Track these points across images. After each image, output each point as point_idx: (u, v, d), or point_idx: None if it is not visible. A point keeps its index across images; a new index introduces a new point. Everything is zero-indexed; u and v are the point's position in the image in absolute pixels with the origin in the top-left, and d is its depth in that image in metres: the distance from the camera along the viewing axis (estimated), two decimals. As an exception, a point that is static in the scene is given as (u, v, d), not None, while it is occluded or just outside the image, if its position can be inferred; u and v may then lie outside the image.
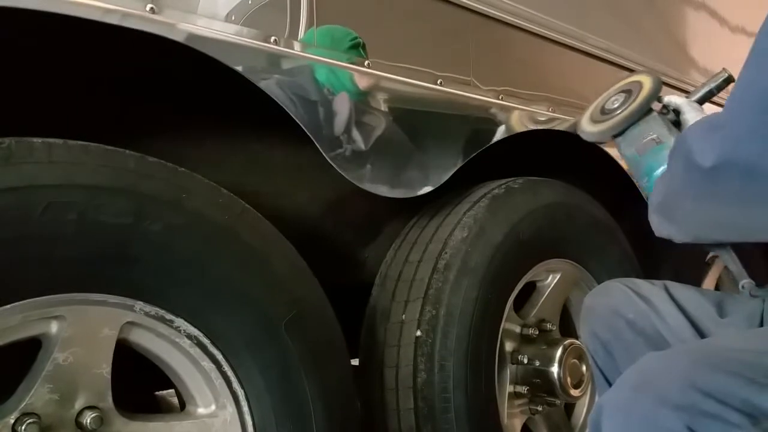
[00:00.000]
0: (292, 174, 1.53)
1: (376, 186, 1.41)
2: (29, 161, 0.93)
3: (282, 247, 1.22)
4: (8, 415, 0.95)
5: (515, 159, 1.90)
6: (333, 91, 1.32)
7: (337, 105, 1.32)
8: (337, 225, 1.63)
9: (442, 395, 1.47)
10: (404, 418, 1.49)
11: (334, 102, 1.32)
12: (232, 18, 1.17)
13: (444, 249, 1.57)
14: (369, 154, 1.40)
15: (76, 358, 1.01)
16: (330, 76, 1.32)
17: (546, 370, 1.72)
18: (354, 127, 1.38)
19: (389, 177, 1.44)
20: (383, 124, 1.43)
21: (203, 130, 1.37)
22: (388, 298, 1.58)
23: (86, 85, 1.21)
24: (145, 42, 1.07)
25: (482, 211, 1.62)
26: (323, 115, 1.31)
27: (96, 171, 0.99)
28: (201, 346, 1.12)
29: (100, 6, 1.01)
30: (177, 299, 1.09)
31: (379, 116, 1.43)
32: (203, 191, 1.11)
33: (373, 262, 1.69)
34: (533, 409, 1.77)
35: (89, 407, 1.02)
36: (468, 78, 1.59)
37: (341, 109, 1.33)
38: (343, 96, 1.34)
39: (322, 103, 1.31)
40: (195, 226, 1.09)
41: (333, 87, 1.32)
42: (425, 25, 1.53)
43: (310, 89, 1.28)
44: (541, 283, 1.85)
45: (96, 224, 0.98)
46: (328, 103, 1.32)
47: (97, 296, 1.01)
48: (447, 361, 1.48)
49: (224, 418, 1.16)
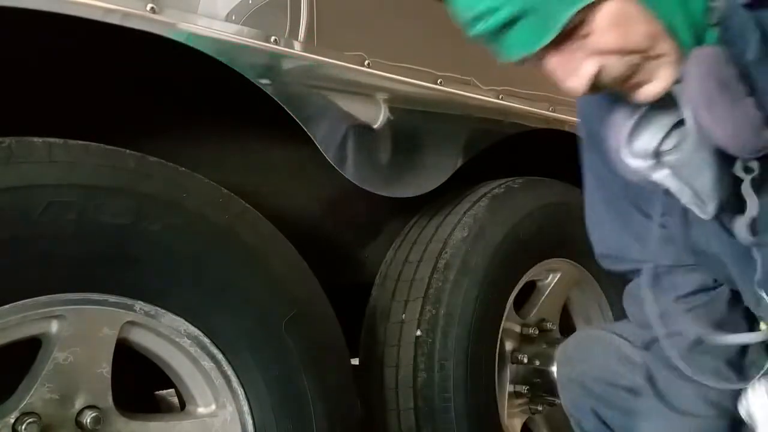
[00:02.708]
0: (292, 174, 1.53)
1: (376, 186, 1.41)
2: (29, 161, 0.94)
3: (282, 247, 1.22)
4: (8, 415, 0.95)
5: (515, 159, 1.90)
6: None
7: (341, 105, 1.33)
8: (337, 225, 1.63)
9: (442, 395, 1.47)
10: (404, 417, 1.49)
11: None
12: (232, 18, 1.17)
13: (444, 249, 1.56)
14: (369, 154, 1.40)
15: (76, 358, 1.01)
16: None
17: (546, 369, 1.72)
18: (354, 126, 1.38)
19: (389, 177, 1.44)
20: (383, 124, 1.43)
21: (203, 130, 1.37)
22: (388, 298, 1.58)
23: (86, 85, 1.21)
24: (146, 42, 1.07)
25: (482, 211, 1.62)
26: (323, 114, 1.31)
27: (96, 171, 0.99)
28: (201, 346, 1.12)
29: (101, 6, 1.01)
30: (177, 299, 1.09)
31: (379, 116, 1.43)
32: (203, 191, 1.11)
33: (373, 262, 1.69)
34: (533, 408, 1.77)
35: (89, 407, 1.02)
36: (468, 78, 1.59)
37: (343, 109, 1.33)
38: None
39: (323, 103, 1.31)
40: (195, 226, 1.09)
41: None
42: (425, 24, 1.53)
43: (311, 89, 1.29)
44: (541, 283, 1.85)
45: (96, 224, 0.98)
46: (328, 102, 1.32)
47: (97, 296, 1.01)
48: (447, 361, 1.48)
49: (224, 417, 1.16)
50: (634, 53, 0.76)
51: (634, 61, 0.76)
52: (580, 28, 0.74)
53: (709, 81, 0.75)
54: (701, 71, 0.76)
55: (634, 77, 0.78)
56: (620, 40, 0.74)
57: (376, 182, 1.41)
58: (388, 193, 1.43)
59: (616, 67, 0.76)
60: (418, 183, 1.50)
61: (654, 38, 0.75)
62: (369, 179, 1.39)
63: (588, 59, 0.75)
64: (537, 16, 0.72)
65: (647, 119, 0.84)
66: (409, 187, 1.48)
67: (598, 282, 1.93)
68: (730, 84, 0.76)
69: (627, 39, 0.74)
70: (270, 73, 1.22)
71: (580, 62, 0.76)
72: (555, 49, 0.75)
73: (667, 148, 0.84)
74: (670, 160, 0.84)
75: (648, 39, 0.75)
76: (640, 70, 0.77)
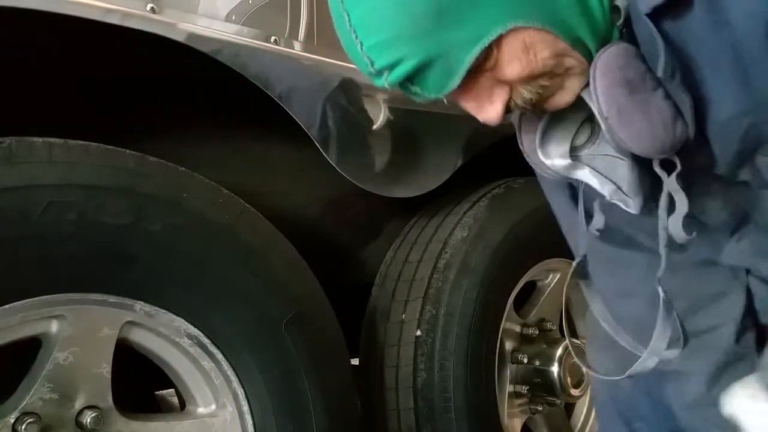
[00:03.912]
0: (292, 174, 1.53)
1: (376, 186, 1.41)
2: (29, 161, 0.94)
3: (282, 247, 1.22)
4: (8, 415, 0.95)
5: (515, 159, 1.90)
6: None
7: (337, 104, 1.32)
8: (337, 225, 1.63)
9: (442, 395, 1.47)
10: (404, 417, 1.49)
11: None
12: (232, 18, 1.17)
13: (444, 249, 1.57)
14: (369, 154, 1.40)
15: (76, 358, 1.01)
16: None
17: (546, 369, 1.72)
18: (354, 127, 1.38)
19: (389, 177, 1.44)
20: (383, 124, 1.43)
21: (203, 130, 1.37)
22: (388, 298, 1.58)
23: (86, 85, 1.21)
24: (146, 42, 1.07)
25: (482, 211, 1.62)
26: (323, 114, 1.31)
27: (96, 171, 0.99)
28: (201, 346, 1.12)
29: (101, 6, 1.01)
30: (177, 299, 1.09)
31: (379, 116, 1.43)
32: (203, 191, 1.11)
33: (373, 262, 1.69)
34: (533, 408, 1.77)
35: (89, 407, 1.02)
36: (468, 78, 1.58)
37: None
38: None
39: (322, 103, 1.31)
40: (195, 226, 1.09)
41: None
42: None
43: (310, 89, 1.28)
44: (542, 283, 1.85)
45: (96, 224, 0.98)
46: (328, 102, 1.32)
47: (97, 296, 1.01)
48: (447, 361, 1.48)
49: (224, 417, 1.17)
50: (541, 76, 0.76)
51: (543, 83, 0.77)
52: (486, 63, 0.74)
53: (615, 87, 0.75)
54: (607, 78, 0.75)
55: (544, 95, 0.78)
56: (526, 69, 0.74)
57: (376, 182, 1.41)
58: (388, 193, 1.43)
59: (526, 92, 0.77)
60: (418, 183, 1.50)
61: (559, 56, 0.76)
62: (369, 179, 1.39)
63: (497, 89, 0.77)
64: (440, 61, 0.72)
65: (556, 120, 0.85)
66: (409, 187, 1.48)
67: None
68: (637, 82, 0.76)
69: (532, 66, 0.74)
70: (270, 73, 1.22)
71: (491, 93, 0.77)
72: (464, 87, 0.76)
73: (581, 143, 0.85)
74: (585, 155, 0.86)
75: (552, 60, 0.75)
76: (548, 88, 0.78)
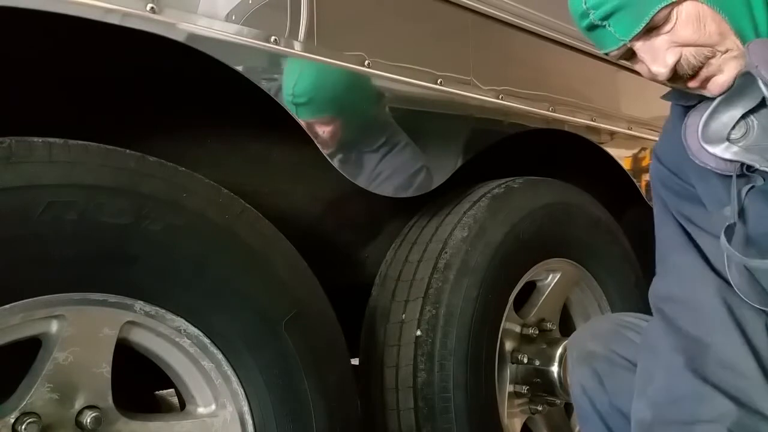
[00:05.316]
0: (292, 174, 1.53)
1: (376, 186, 1.41)
2: (29, 161, 0.93)
3: (282, 247, 1.22)
4: (8, 415, 0.95)
5: (515, 159, 1.90)
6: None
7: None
8: (337, 225, 1.63)
9: (442, 395, 1.47)
10: (404, 417, 1.49)
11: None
12: (232, 18, 1.17)
13: (444, 249, 1.57)
14: (369, 154, 1.40)
15: (76, 358, 1.01)
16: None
17: (546, 369, 1.72)
18: (354, 127, 1.38)
19: (389, 177, 1.44)
20: (383, 124, 1.43)
21: (203, 130, 1.37)
22: (388, 298, 1.58)
23: (86, 85, 1.21)
24: (146, 42, 1.07)
25: (482, 211, 1.62)
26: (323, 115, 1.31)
27: (96, 171, 0.99)
28: (201, 346, 1.12)
29: (101, 6, 1.01)
30: (177, 299, 1.09)
31: (379, 116, 1.43)
32: (203, 191, 1.11)
33: (373, 262, 1.69)
34: (533, 408, 1.77)
35: (89, 407, 1.02)
36: (468, 78, 1.59)
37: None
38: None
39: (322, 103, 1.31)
40: (195, 226, 1.09)
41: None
42: (425, 25, 1.53)
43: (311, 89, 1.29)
44: (541, 283, 1.85)
45: (96, 224, 0.98)
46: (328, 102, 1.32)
47: (97, 296, 1.01)
48: (447, 361, 1.48)
49: (224, 417, 1.16)
50: (706, 46, 0.94)
51: (706, 53, 0.94)
52: (665, 25, 0.95)
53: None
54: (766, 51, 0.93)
55: (705, 69, 0.96)
56: (696, 34, 0.94)
57: (376, 182, 1.41)
58: (388, 193, 1.43)
59: (692, 56, 0.95)
60: (418, 183, 1.50)
61: (723, 35, 0.94)
62: (369, 179, 1.39)
63: (669, 49, 0.95)
64: (633, 8, 0.94)
65: (717, 113, 0.98)
66: (409, 187, 1.48)
67: (598, 282, 1.94)
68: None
69: (701, 33, 0.94)
70: (270, 73, 1.22)
71: (664, 52, 0.96)
72: (645, 41, 0.96)
73: (737, 137, 0.98)
74: (741, 147, 0.98)
75: (718, 35, 0.94)
76: (710, 63, 0.95)
